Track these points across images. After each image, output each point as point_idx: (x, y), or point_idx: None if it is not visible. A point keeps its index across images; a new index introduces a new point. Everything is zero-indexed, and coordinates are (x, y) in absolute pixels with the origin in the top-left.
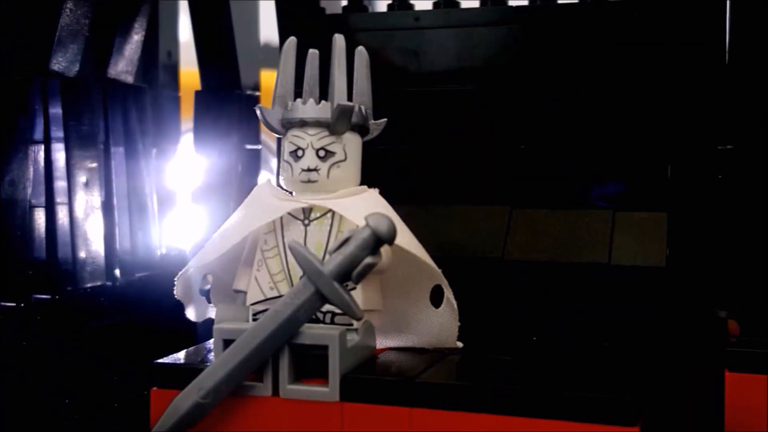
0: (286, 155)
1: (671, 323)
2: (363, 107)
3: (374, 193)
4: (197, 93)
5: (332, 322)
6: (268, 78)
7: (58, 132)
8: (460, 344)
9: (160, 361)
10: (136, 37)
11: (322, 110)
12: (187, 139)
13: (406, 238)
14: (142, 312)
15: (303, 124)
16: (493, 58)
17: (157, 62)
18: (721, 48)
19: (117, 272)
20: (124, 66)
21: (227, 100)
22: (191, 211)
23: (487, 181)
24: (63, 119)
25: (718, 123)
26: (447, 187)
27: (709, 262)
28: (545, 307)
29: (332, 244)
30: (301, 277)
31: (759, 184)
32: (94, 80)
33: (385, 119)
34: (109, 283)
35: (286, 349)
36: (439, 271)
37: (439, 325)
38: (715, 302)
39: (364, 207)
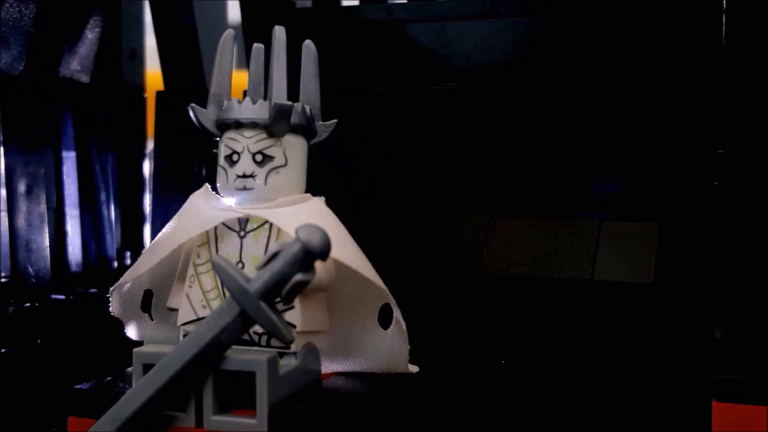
0: (221, 160)
1: (659, 345)
2: (308, 107)
3: (318, 201)
4: (159, 93)
5: (268, 345)
6: (237, 78)
7: None
8: (414, 368)
9: (78, 386)
10: (91, 35)
11: (259, 110)
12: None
13: (347, 253)
14: (92, 330)
15: (238, 125)
16: (473, 56)
17: (120, 61)
18: (717, 46)
19: (64, 287)
20: (77, 65)
21: (191, 101)
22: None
23: (464, 187)
24: (1, 121)
25: (714, 125)
26: (420, 195)
27: (704, 276)
28: (521, 327)
29: (261, 259)
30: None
31: (758, 191)
32: (42, 80)
33: (335, 120)
34: (59, 298)
35: (211, 376)
36: (386, 288)
37: (388, 348)
38: (709, 321)
39: (304, 217)
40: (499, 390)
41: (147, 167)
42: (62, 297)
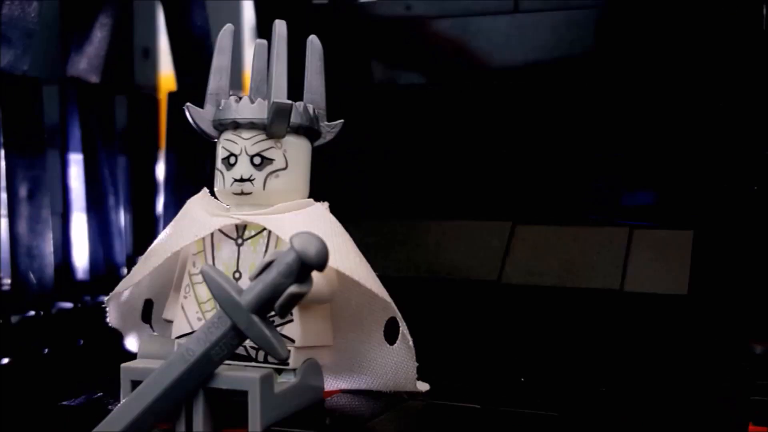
0: (218, 162)
1: (693, 363)
2: (311, 106)
3: (320, 207)
4: (171, 95)
5: (266, 361)
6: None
7: None
8: (424, 387)
9: (65, 402)
10: (101, 32)
11: (258, 109)
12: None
13: (349, 263)
14: (100, 339)
15: (236, 126)
16: (496, 53)
17: (132, 61)
18: (758, 46)
19: (69, 295)
20: (86, 64)
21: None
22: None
23: (485, 191)
24: (2, 122)
25: (756, 126)
26: (436, 199)
27: (742, 288)
28: (543, 342)
29: (254, 269)
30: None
31: None
32: (49, 79)
33: (341, 121)
34: (65, 306)
35: (201, 394)
36: (391, 301)
37: (394, 365)
38: (748, 337)
39: (303, 224)
40: (517, 412)
41: (161, 170)
42: (69, 305)
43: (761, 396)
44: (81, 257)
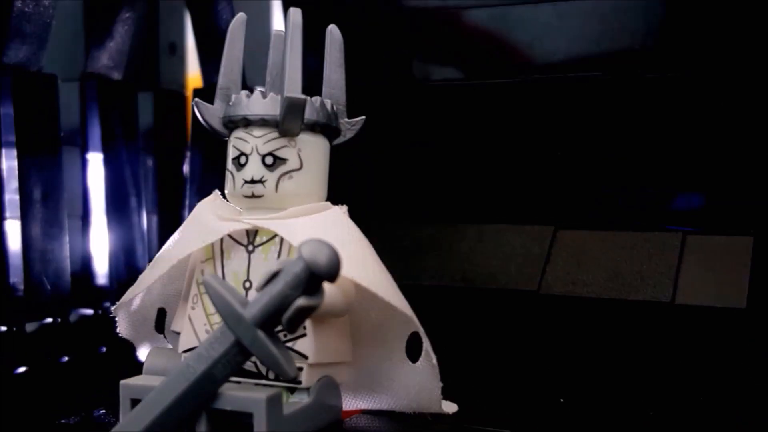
0: (228, 163)
1: (751, 382)
2: (330, 102)
3: (337, 212)
4: (196, 91)
5: (278, 378)
6: None
7: (8, 136)
8: (451, 408)
9: (64, 420)
10: (125, 26)
11: (270, 105)
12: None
13: (366, 273)
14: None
15: (247, 123)
16: (536, 45)
17: (158, 58)
18: None
19: (89, 301)
20: (107, 60)
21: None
22: None
23: (526, 194)
24: (15, 121)
25: None
26: (470, 201)
27: None
28: (586, 358)
29: (260, 279)
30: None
31: None
32: (68, 76)
33: (363, 117)
34: (85, 312)
35: (204, 415)
36: (413, 315)
37: (417, 384)
38: None
39: (317, 230)
40: None
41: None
42: (89, 312)
43: None
44: (101, 262)
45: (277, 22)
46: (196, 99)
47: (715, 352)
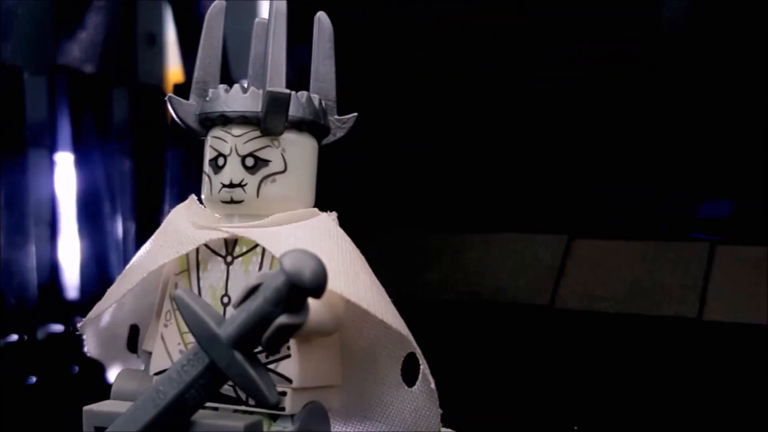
0: (205, 164)
1: None
2: (318, 97)
3: (325, 219)
4: (177, 87)
5: (258, 405)
6: None
7: None
8: None
9: None
10: (98, 18)
11: (250, 101)
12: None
13: (357, 288)
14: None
15: (225, 120)
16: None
17: (135, 50)
18: None
19: (58, 316)
20: (78, 52)
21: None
22: None
23: (538, 200)
24: None
25: None
26: (482, 208)
27: None
28: (605, 380)
29: (238, 294)
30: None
31: None
32: (35, 69)
33: (355, 114)
34: (54, 328)
35: None
36: (409, 334)
37: (413, 410)
38: None
39: (302, 240)
40: None
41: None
42: (59, 328)
43: None
44: (71, 273)
45: (266, 9)
46: (170, 94)
47: (746, 373)
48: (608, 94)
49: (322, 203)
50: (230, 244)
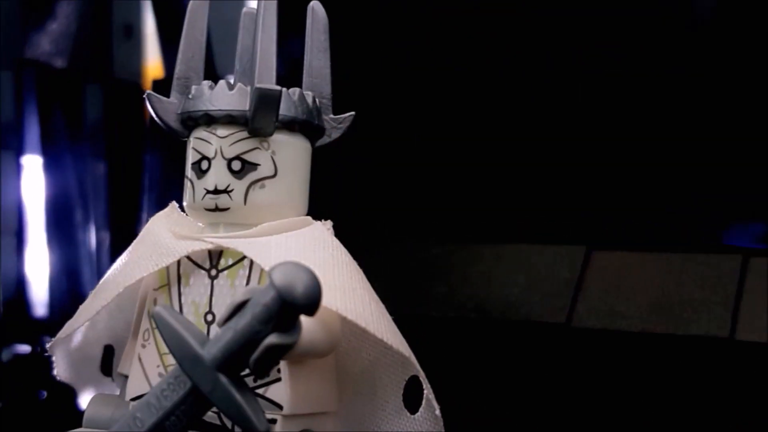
0: (188, 169)
1: None
2: (311, 94)
3: (319, 228)
4: (156, 83)
5: None
6: None
7: None
8: None
9: None
10: (68, 6)
11: (237, 98)
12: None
13: (354, 304)
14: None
15: (209, 120)
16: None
17: (110, 42)
18: None
19: (24, 336)
20: (48, 45)
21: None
22: None
23: (553, 208)
24: None
25: None
26: (493, 217)
27: None
28: (627, 404)
29: (223, 311)
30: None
31: None
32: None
33: (352, 113)
34: (21, 349)
35: None
36: (411, 355)
37: None
38: None
39: (294, 251)
40: None
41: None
42: (26, 349)
43: None
44: (39, 288)
45: None
46: (148, 91)
47: None
48: (630, 92)
49: (315, 211)
50: (215, 256)
